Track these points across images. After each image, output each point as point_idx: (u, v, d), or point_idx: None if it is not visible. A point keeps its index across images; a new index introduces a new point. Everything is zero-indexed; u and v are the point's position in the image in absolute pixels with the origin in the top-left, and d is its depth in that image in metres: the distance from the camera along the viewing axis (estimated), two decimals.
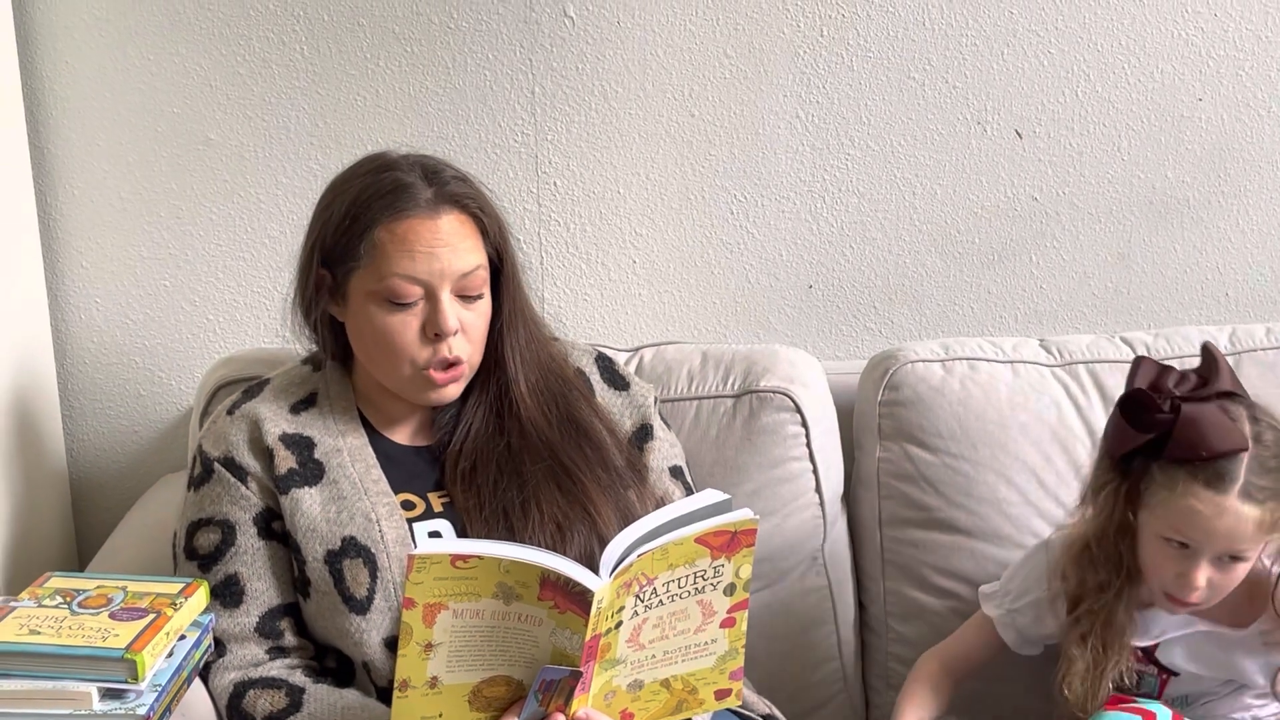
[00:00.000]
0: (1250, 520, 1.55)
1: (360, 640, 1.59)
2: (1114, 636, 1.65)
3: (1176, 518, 1.57)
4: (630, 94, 2.15)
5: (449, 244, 1.60)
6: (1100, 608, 1.66)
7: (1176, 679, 1.70)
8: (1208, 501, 1.55)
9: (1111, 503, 1.63)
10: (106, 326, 2.19)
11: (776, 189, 2.19)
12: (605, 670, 1.42)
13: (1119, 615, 1.65)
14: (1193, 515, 1.56)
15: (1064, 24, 2.15)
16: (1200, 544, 1.57)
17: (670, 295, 2.23)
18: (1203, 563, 1.58)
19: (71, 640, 1.45)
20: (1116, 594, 1.65)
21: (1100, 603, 1.66)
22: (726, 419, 1.94)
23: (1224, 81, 2.18)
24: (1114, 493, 1.63)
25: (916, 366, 1.96)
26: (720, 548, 1.43)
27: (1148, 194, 2.22)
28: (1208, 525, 1.55)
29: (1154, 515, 1.60)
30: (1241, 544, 1.57)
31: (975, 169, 2.20)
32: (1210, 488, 1.55)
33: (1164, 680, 1.70)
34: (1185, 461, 1.56)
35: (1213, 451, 1.55)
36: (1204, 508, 1.55)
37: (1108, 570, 1.65)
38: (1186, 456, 1.56)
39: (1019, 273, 2.24)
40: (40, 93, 2.11)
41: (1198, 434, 1.55)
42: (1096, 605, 1.66)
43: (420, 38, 2.12)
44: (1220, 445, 1.55)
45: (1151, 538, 1.61)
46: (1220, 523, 1.55)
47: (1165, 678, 1.70)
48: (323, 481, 1.64)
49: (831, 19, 2.13)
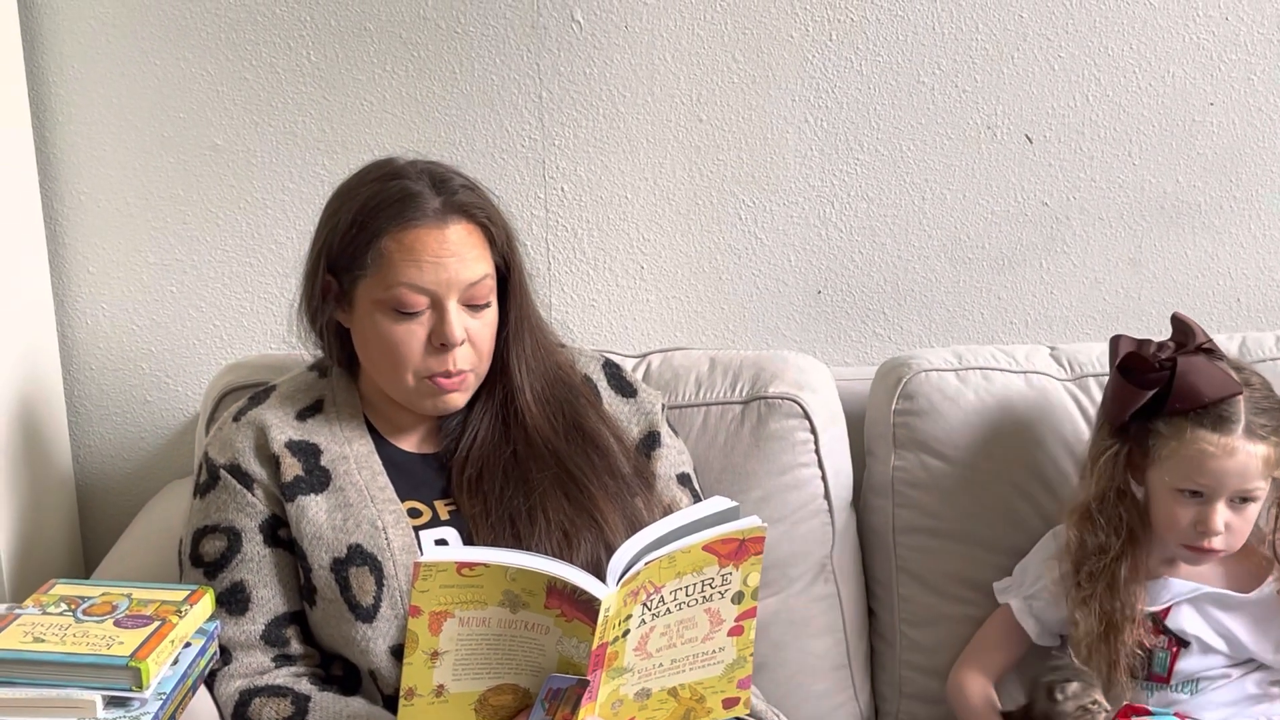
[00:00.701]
0: (1259, 457, 1.65)
1: (366, 648, 1.58)
2: (1116, 600, 1.71)
3: (1189, 466, 1.66)
4: (638, 99, 2.14)
5: (456, 254, 1.59)
6: (1100, 570, 1.72)
7: (1187, 650, 1.73)
8: (1217, 444, 1.65)
9: (1111, 466, 1.73)
10: (113, 332, 2.19)
11: (785, 194, 2.18)
12: (612, 679, 1.42)
13: (1120, 578, 1.71)
14: (1205, 459, 1.65)
15: (1074, 28, 2.14)
16: (1214, 488, 1.66)
17: (678, 301, 2.22)
18: (1218, 505, 1.66)
19: (76, 648, 1.44)
20: (1116, 556, 1.72)
21: (1100, 564, 1.72)
22: (735, 425, 1.94)
23: (1235, 85, 2.17)
24: (1114, 457, 1.73)
25: (931, 376, 1.96)
26: (728, 556, 1.42)
27: (1159, 199, 2.21)
28: (1220, 467, 1.65)
29: (1164, 469, 1.69)
30: (1253, 482, 1.66)
31: (985, 174, 2.19)
32: (1217, 430, 1.65)
33: (1175, 653, 1.74)
34: (1187, 411, 1.66)
35: (1213, 396, 1.65)
36: (1214, 450, 1.65)
37: (1107, 533, 1.72)
38: (1189, 405, 1.66)
39: (1029, 278, 2.23)
40: (46, 98, 2.11)
41: (1196, 382, 1.66)
42: (1096, 568, 1.72)
43: (427, 43, 2.11)
44: (1219, 390, 1.65)
45: (1164, 493, 1.70)
46: (1231, 463, 1.65)
47: (1176, 650, 1.74)
48: (329, 489, 1.64)
49: (840, 23, 2.13)
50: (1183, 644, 1.73)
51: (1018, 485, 1.92)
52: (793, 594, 1.94)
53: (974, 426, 1.93)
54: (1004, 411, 1.94)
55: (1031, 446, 1.93)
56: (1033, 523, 1.92)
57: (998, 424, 1.94)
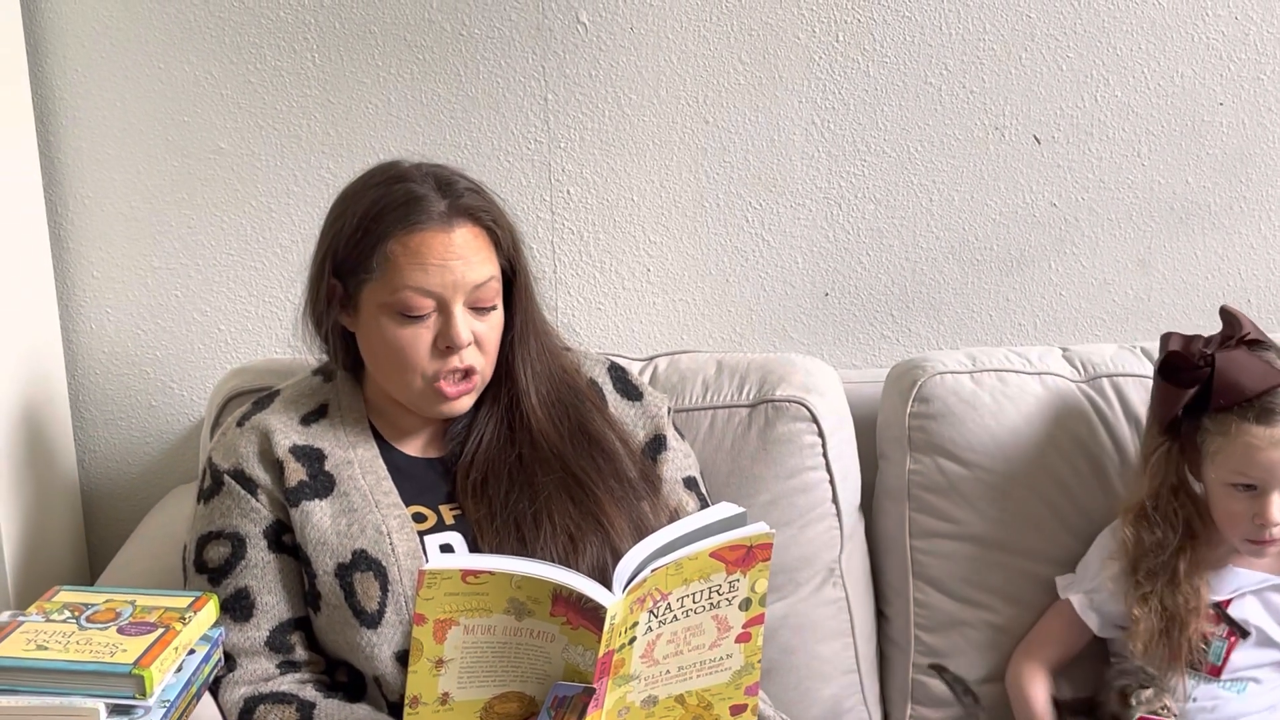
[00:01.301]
0: None
1: (371, 654, 1.57)
2: (1179, 595, 1.72)
3: (1237, 460, 1.68)
4: (644, 100, 2.14)
5: (462, 257, 1.59)
6: (1160, 566, 1.73)
7: (1244, 642, 1.74)
8: (1263, 436, 1.66)
9: (1163, 464, 1.75)
10: (117, 337, 2.19)
11: (792, 196, 2.17)
12: (619, 686, 1.41)
13: (1180, 572, 1.72)
14: (1252, 453, 1.67)
15: (1082, 28, 2.13)
16: (1265, 480, 1.67)
17: (685, 304, 2.21)
18: (1273, 496, 1.67)
19: (79, 656, 1.44)
20: (1175, 551, 1.73)
21: (1158, 561, 1.73)
22: (742, 429, 1.93)
23: (1245, 85, 2.16)
24: (1165, 454, 1.75)
25: (946, 378, 1.95)
26: (735, 562, 1.41)
27: (1168, 199, 2.20)
28: (1269, 459, 1.66)
29: (1215, 465, 1.70)
30: None
31: (993, 175, 2.18)
32: (1262, 423, 1.66)
33: (1231, 644, 1.74)
34: (1232, 406, 1.68)
35: (1254, 389, 1.67)
36: (1261, 442, 1.66)
37: (1164, 529, 1.74)
38: (1232, 400, 1.68)
39: (1038, 280, 2.22)
40: (50, 102, 2.11)
41: (1236, 377, 1.68)
42: (1155, 564, 1.73)
43: (432, 45, 2.11)
44: (1260, 383, 1.67)
45: (1219, 490, 1.71)
46: (1278, 454, 1.66)
47: (1234, 640, 1.74)
48: (333, 494, 1.63)
49: (847, 24, 2.12)
50: (1242, 634, 1.74)
51: (1035, 489, 1.92)
52: (801, 598, 1.93)
53: (990, 429, 1.93)
54: (1019, 414, 1.94)
55: (1048, 449, 1.92)
56: (1051, 526, 1.91)
57: (1014, 427, 1.93)
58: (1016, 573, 1.91)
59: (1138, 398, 1.94)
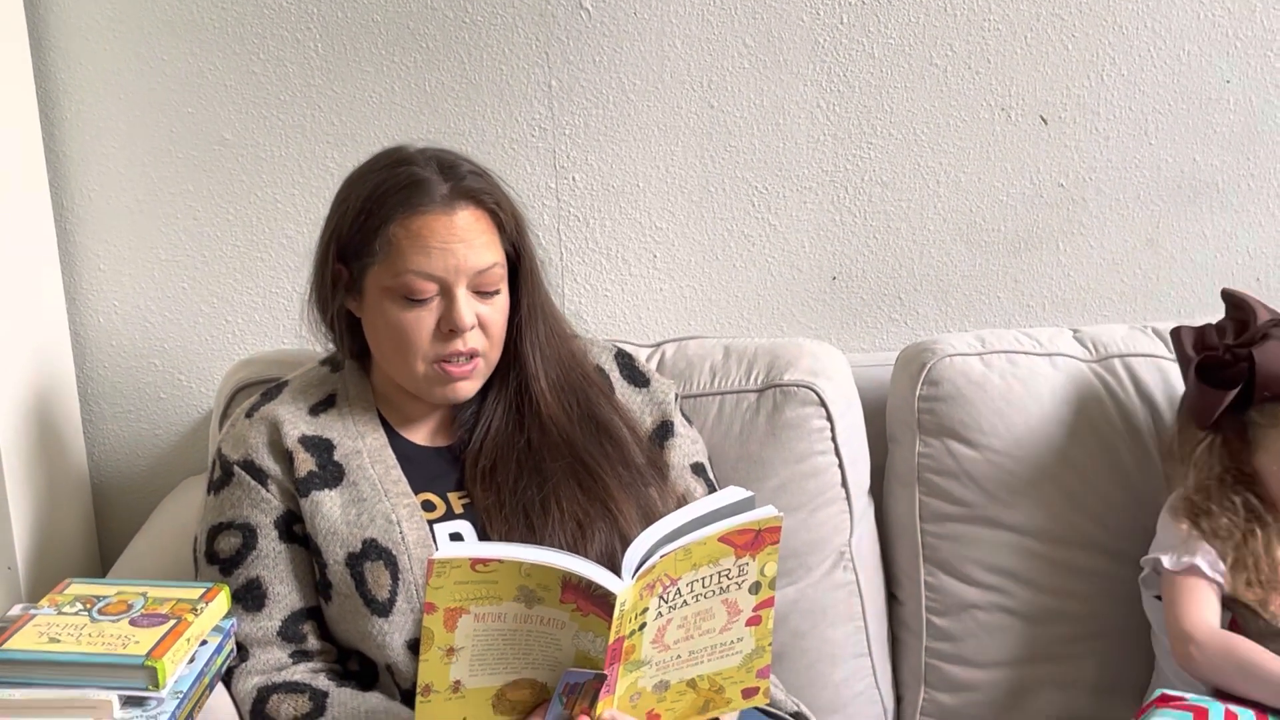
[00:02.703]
0: None
1: (383, 643, 1.57)
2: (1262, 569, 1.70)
3: None
4: (648, 86, 2.13)
5: (465, 240, 1.58)
6: (1237, 543, 1.70)
7: None
8: None
9: (1208, 457, 1.75)
10: (125, 329, 2.19)
11: (798, 180, 2.17)
12: (630, 672, 1.41)
13: (1259, 549, 1.70)
14: None
15: (1088, 7, 2.12)
16: None
17: (691, 289, 2.21)
18: None
19: (91, 648, 1.44)
20: (1245, 533, 1.71)
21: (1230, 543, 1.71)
22: (750, 414, 1.92)
23: (1252, 62, 2.15)
24: (1209, 448, 1.75)
25: (955, 360, 1.95)
26: (744, 546, 1.41)
27: (1176, 178, 2.19)
28: None
29: (1270, 454, 1.71)
30: None
31: (1000, 156, 2.17)
32: None
33: None
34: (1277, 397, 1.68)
35: None
36: None
37: (1228, 515, 1.72)
38: (1276, 392, 1.68)
39: (1046, 260, 2.21)
40: (54, 94, 2.10)
41: (1277, 369, 1.68)
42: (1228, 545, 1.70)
43: (435, 33, 2.10)
44: None
45: (1278, 478, 1.71)
46: None
47: None
48: (343, 483, 1.63)
49: (852, 5, 2.11)
50: None
51: (1047, 471, 1.91)
52: (811, 582, 1.93)
53: (1001, 411, 1.92)
54: (1030, 395, 1.93)
55: (1059, 431, 1.92)
56: (1063, 508, 1.91)
57: (1025, 408, 1.92)
58: (1028, 555, 1.90)
59: (1150, 378, 1.94)
